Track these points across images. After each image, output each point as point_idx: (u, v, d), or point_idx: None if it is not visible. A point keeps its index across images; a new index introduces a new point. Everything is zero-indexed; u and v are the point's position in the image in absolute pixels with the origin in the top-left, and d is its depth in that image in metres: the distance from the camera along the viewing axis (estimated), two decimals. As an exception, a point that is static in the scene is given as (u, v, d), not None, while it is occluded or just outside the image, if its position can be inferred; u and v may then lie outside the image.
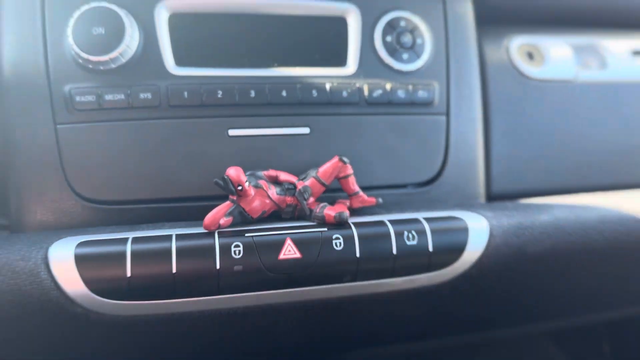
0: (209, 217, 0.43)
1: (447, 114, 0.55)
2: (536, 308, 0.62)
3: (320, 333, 0.55)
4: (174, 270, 0.40)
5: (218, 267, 0.41)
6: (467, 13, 0.59)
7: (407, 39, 0.54)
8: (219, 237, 0.42)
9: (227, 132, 0.49)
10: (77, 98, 0.47)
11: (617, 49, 0.67)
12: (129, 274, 0.40)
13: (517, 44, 0.63)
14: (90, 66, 0.47)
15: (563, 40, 0.65)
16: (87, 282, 0.39)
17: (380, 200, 0.49)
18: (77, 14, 0.47)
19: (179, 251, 0.41)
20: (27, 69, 0.47)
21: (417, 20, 0.55)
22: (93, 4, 0.47)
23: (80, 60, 0.47)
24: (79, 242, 0.41)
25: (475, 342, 0.87)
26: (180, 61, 0.49)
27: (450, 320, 0.59)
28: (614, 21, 0.69)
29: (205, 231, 0.43)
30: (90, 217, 0.47)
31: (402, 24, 0.54)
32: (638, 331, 0.92)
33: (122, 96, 0.47)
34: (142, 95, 0.47)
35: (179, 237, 0.42)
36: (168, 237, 0.42)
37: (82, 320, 0.41)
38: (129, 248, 0.40)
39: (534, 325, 0.81)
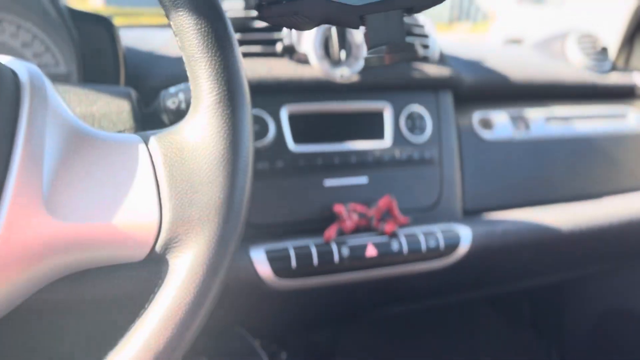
0: (326, 234, 0.79)
1: (441, 166, 0.93)
2: (492, 279, 1.03)
3: (378, 295, 0.93)
4: (315, 263, 0.76)
5: (337, 260, 0.77)
6: (449, 101, 0.97)
7: (418, 122, 0.92)
8: (334, 244, 0.78)
9: (324, 183, 0.85)
10: None
11: (536, 117, 1.08)
12: (294, 266, 0.75)
13: (476, 117, 1.02)
14: None
15: (504, 112, 1.05)
16: (274, 270, 0.75)
17: (410, 219, 0.87)
18: None
19: (318, 252, 0.77)
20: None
21: (422, 111, 0.93)
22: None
23: None
24: (265, 249, 0.76)
25: (442, 305, 1.28)
26: (296, 142, 0.84)
27: (447, 287, 0.98)
28: (533, 97, 1.11)
29: (325, 241, 0.79)
30: (249, 233, 0.81)
31: (415, 113, 0.92)
32: (546, 296, 1.36)
33: (267, 164, 0.82)
34: (277, 164, 0.82)
35: (314, 245, 0.78)
36: (308, 246, 0.77)
37: (267, 293, 0.76)
38: (292, 252, 0.76)
39: (483, 292, 1.23)
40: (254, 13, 0.73)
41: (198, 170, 0.44)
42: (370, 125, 0.89)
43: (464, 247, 0.86)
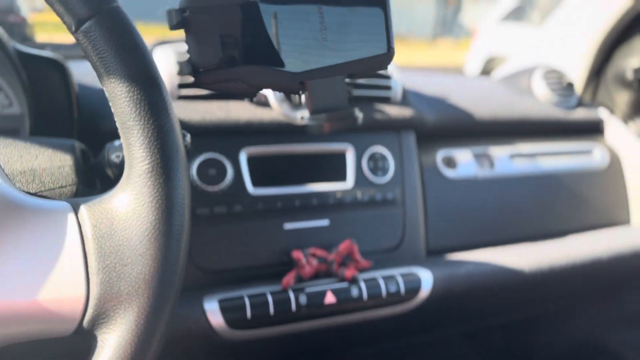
0: (284, 280, 0.77)
1: (404, 207, 0.92)
2: (459, 319, 1.02)
3: (340, 341, 0.91)
4: (271, 313, 0.75)
5: (293, 309, 0.76)
6: (412, 141, 0.96)
7: (380, 163, 0.91)
8: (291, 292, 0.77)
9: (284, 226, 0.83)
10: (198, 210, 0.79)
11: (500, 154, 1.08)
12: (249, 316, 0.74)
13: (440, 155, 1.02)
14: (205, 192, 0.79)
15: (468, 150, 1.05)
16: (228, 321, 0.73)
17: (372, 263, 0.86)
18: (199, 160, 0.79)
19: (274, 300, 0.75)
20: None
21: (385, 151, 0.92)
22: (208, 155, 0.80)
23: (199, 189, 0.79)
24: (218, 299, 0.74)
25: (417, 342, 1.26)
26: (255, 185, 0.83)
27: (414, 328, 0.97)
28: (498, 134, 1.11)
29: (283, 288, 0.77)
30: (204, 280, 0.79)
31: (377, 154, 0.91)
32: (520, 330, 1.36)
33: (224, 208, 0.80)
34: (235, 208, 0.81)
35: (271, 293, 0.76)
36: (264, 294, 0.76)
37: (221, 344, 0.74)
38: (247, 301, 0.74)
39: (453, 330, 1.22)
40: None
41: (128, 242, 0.43)
42: (332, 167, 0.88)
43: (425, 291, 0.85)
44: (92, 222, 0.43)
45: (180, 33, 0.46)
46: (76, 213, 0.44)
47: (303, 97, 0.49)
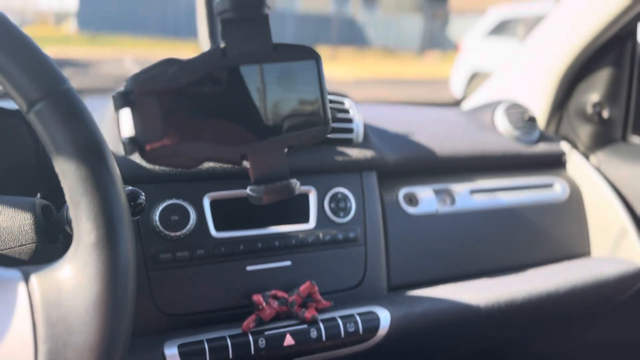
0: (244, 324, 0.80)
1: (365, 244, 0.95)
2: (418, 355, 1.05)
3: None
4: (231, 357, 0.77)
5: (253, 352, 0.78)
6: (373, 180, 1.00)
7: (342, 204, 0.94)
8: (251, 335, 0.79)
9: (246, 268, 0.86)
10: (161, 255, 0.82)
11: (461, 190, 1.11)
12: None
13: (402, 193, 1.05)
14: (168, 237, 0.82)
15: (429, 187, 1.09)
16: None
17: (332, 303, 0.88)
18: (162, 206, 0.82)
19: (232, 344, 0.78)
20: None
21: (347, 191, 0.95)
22: (170, 202, 0.82)
23: (162, 234, 0.82)
24: (178, 344, 0.76)
25: None
26: (218, 228, 0.86)
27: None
28: (459, 169, 1.15)
29: (243, 332, 0.80)
30: (166, 324, 0.82)
31: (339, 195, 0.94)
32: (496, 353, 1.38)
33: (187, 252, 0.83)
34: (198, 252, 0.83)
35: (230, 337, 0.78)
36: (224, 337, 0.78)
37: None
38: (206, 345, 0.76)
39: None
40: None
41: (75, 312, 0.45)
42: (295, 209, 0.91)
43: (383, 330, 0.88)
44: (41, 291, 0.46)
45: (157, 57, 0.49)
46: (26, 282, 0.46)
47: (247, 167, 0.52)
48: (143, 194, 0.63)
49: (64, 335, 0.45)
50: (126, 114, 0.48)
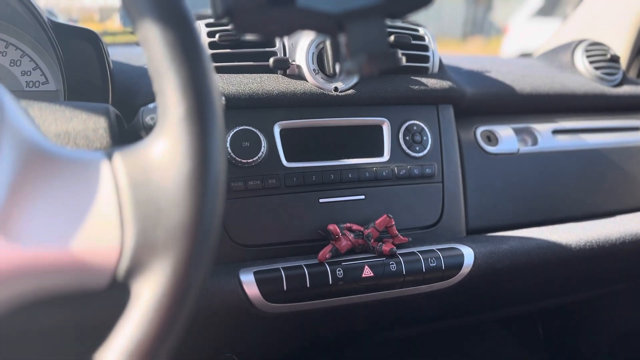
0: (320, 254, 0.75)
1: (442, 182, 0.89)
2: (500, 301, 0.97)
3: (377, 319, 0.88)
4: (308, 285, 0.72)
5: (330, 282, 0.73)
6: (450, 115, 0.93)
7: (417, 137, 0.88)
8: (328, 265, 0.75)
9: (319, 200, 0.81)
10: (232, 183, 0.77)
11: (543, 129, 1.03)
12: (285, 288, 0.72)
13: (480, 131, 0.98)
14: (240, 165, 0.78)
15: (508, 126, 1.01)
16: (264, 294, 0.71)
17: (410, 239, 0.82)
18: (232, 132, 0.78)
19: (310, 273, 0.73)
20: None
21: (423, 124, 0.89)
22: (241, 127, 0.78)
23: (234, 161, 0.78)
24: (254, 271, 0.72)
25: (447, 328, 1.22)
26: (289, 159, 0.81)
27: (452, 309, 0.94)
28: (539, 110, 1.07)
29: (319, 262, 0.75)
30: (240, 255, 0.78)
31: (414, 128, 0.88)
32: (561, 317, 1.30)
33: (258, 181, 0.78)
34: (270, 181, 0.79)
35: (307, 265, 0.74)
36: (301, 266, 0.74)
37: (257, 317, 0.72)
38: (283, 273, 0.72)
39: (491, 314, 1.18)
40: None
41: (164, 191, 0.41)
42: (368, 141, 0.86)
43: (466, 268, 0.81)
44: (126, 171, 0.42)
45: None
46: (110, 162, 0.42)
47: (342, 39, 0.47)
48: (222, 96, 0.58)
49: (154, 216, 0.41)
50: None
